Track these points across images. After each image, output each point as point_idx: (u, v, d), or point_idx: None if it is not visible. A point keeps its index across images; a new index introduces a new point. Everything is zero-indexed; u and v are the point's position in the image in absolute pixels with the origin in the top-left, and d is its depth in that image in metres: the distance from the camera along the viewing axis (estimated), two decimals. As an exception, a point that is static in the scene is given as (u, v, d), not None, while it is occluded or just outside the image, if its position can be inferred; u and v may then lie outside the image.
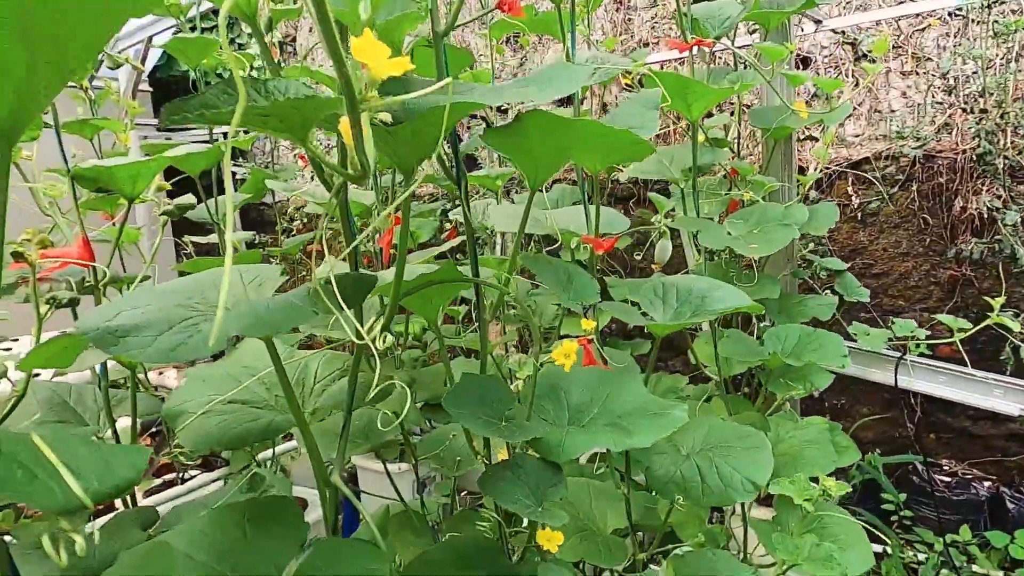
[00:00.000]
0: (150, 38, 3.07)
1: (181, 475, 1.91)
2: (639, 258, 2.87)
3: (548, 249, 1.66)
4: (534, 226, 1.02)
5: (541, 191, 1.24)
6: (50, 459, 0.24)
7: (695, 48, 1.37)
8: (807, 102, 2.64)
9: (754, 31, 2.13)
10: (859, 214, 2.58)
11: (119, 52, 3.32)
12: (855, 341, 1.90)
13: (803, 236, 1.99)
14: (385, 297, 0.75)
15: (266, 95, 0.35)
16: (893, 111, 2.60)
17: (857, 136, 2.63)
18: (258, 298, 0.59)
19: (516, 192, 2.74)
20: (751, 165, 1.71)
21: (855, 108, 2.63)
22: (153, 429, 1.76)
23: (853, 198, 2.58)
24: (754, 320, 1.74)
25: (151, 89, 4.16)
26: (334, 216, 0.65)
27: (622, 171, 1.73)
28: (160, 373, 2.20)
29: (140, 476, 0.28)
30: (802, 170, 2.51)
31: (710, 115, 2.01)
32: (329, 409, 0.71)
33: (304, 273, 3.67)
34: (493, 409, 0.67)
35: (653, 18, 3.06)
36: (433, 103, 0.47)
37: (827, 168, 2.58)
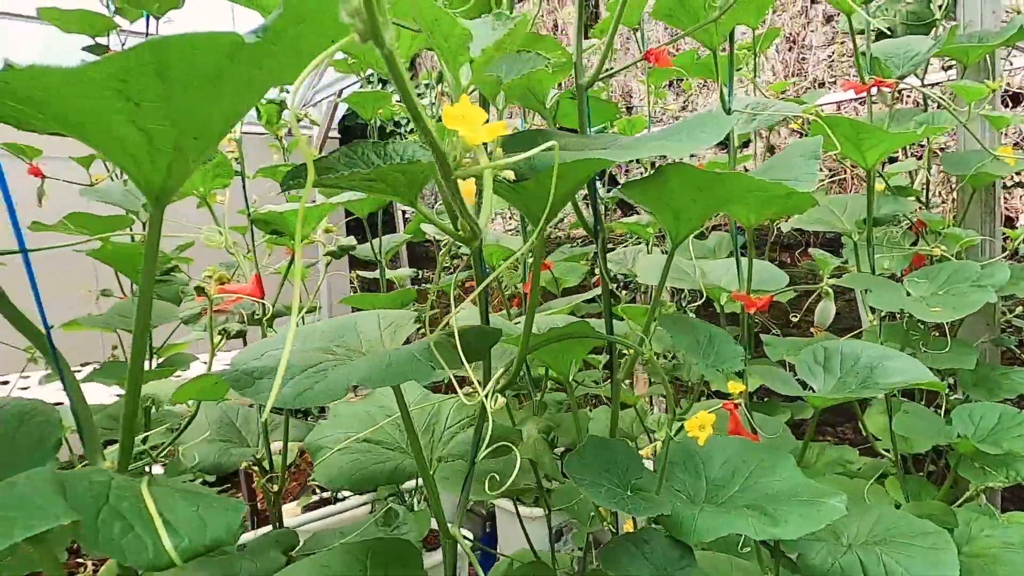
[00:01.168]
0: (340, 91, 3.43)
1: (335, 493, 2.03)
2: (800, 312, 2.64)
3: (695, 302, 1.57)
4: (680, 279, 0.97)
5: (695, 238, 1.19)
6: (151, 512, 0.26)
7: (875, 89, 1.25)
8: (1016, 144, 2.31)
9: (950, 67, 1.91)
10: (1085, 272, 2.19)
11: (316, 103, 3.74)
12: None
13: (1009, 297, 1.71)
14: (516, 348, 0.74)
15: (384, 158, 0.36)
16: None
17: (1083, 182, 2.25)
18: (392, 344, 0.61)
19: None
20: (943, 217, 1.52)
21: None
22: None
23: (1077, 254, 2.20)
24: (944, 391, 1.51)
25: (340, 136, 4.62)
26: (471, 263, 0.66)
27: (786, 220, 1.62)
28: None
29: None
30: (1009, 221, 2.18)
31: (893, 160, 1.82)
32: (457, 457, 0.71)
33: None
34: (619, 478, 0.63)
35: (830, 56, 2.87)
36: (551, 161, 0.46)
37: (1043, 219, 2.23)
